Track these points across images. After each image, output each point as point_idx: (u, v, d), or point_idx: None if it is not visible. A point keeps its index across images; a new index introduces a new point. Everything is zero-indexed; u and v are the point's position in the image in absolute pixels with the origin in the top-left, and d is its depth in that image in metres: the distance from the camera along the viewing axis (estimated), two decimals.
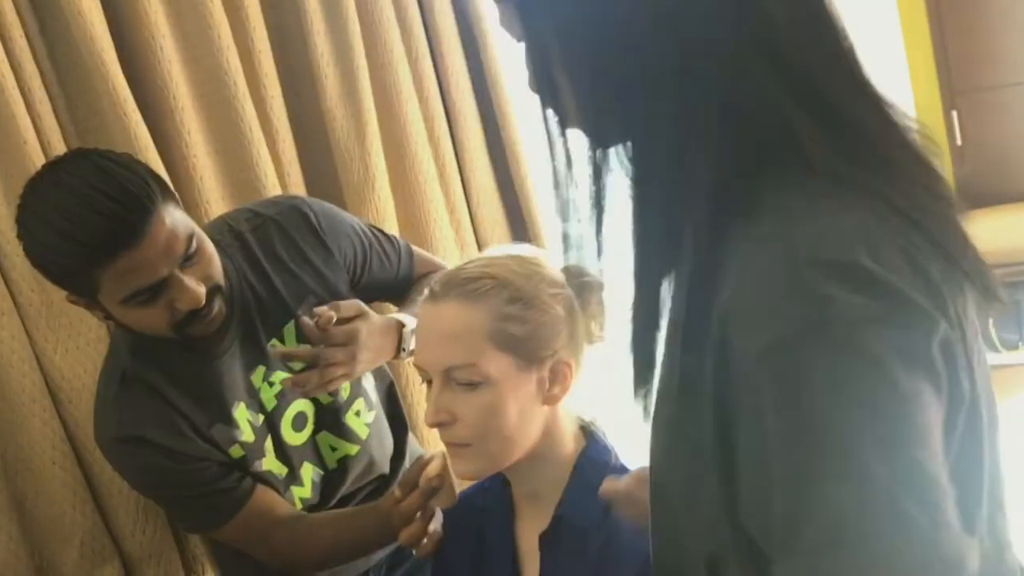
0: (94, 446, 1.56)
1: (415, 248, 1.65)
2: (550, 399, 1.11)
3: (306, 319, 1.36)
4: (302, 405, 1.47)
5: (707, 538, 0.73)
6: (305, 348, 1.37)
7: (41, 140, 1.57)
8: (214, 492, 1.37)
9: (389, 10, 1.95)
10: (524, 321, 1.08)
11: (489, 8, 2.03)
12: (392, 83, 1.95)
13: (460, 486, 1.35)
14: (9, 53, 1.54)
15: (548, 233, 2.10)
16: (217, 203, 1.74)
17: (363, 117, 1.90)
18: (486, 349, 1.07)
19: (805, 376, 0.63)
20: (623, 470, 1.16)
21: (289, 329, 1.44)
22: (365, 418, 1.54)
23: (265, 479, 1.42)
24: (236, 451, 1.40)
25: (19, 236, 1.25)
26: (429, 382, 1.12)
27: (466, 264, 1.14)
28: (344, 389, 1.49)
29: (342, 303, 1.41)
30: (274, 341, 1.42)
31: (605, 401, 1.21)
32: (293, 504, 1.47)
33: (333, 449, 1.51)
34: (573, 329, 1.12)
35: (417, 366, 1.13)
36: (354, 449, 1.52)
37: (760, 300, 0.66)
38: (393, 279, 1.58)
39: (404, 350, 1.47)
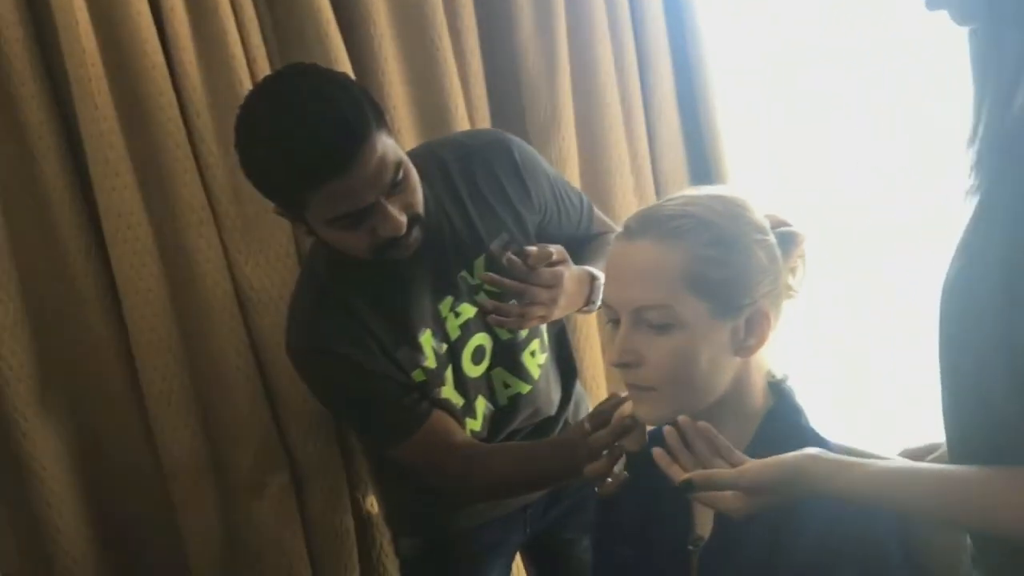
0: (276, 357, 1.63)
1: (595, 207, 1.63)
2: (743, 350, 1.06)
3: (512, 256, 1.36)
4: (482, 339, 1.47)
5: (983, 362, 0.80)
6: (514, 281, 1.36)
7: (248, 57, 1.61)
8: (395, 408, 1.39)
9: None
10: (724, 265, 1.03)
11: None
12: (587, 22, 1.90)
13: None
14: None
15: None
16: (407, 132, 1.75)
17: (555, 55, 1.87)
18: (681, 291, 1.02)
19: None
20: (813, 433, 1.10)
21: (479, 263, 1.43)
22: (539, 359, 1.53)
23: (443, 406, 1.44)
24: (418, 375, 1.41)
25: (235, 147, 1.28)
26: (615, 321, 1.09)
27: (665, 201, 1.09)
28: (523, 328, 1.48)
29: (550, 246, 1.40)
30: (464, 273, 1.42)
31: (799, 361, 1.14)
32: (464, 431, 1.47)
33: (506, 386, 1.51)
34: (775, 279, 1.06)
35: (605, 304, 1.10)
36: (526, 388, 1.52)
37: None
38: (572, 234, 1.56)
39: (593, 303, 1.45)
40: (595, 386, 1.96)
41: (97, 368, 1.61)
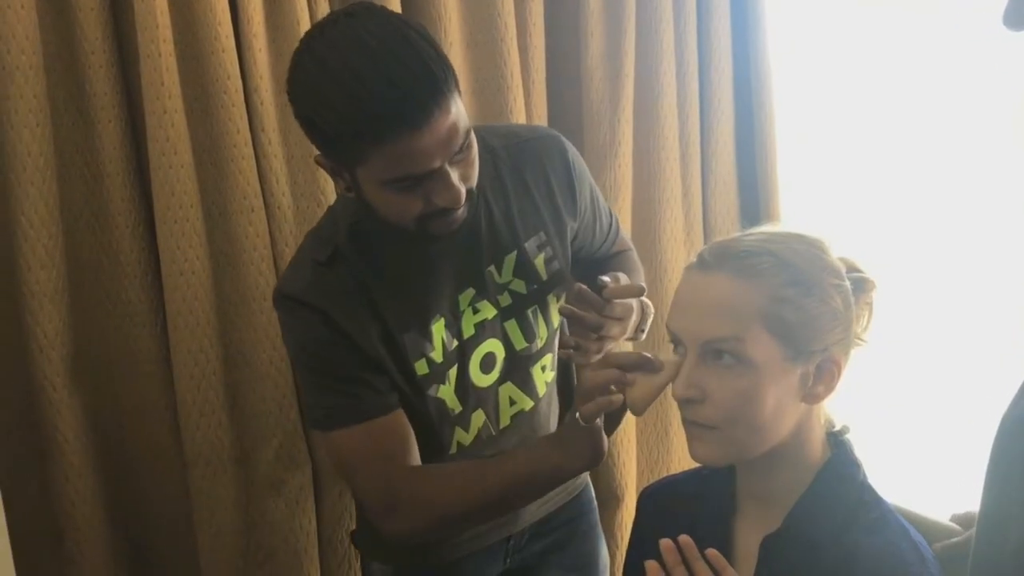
0: None
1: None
2: (810, 397, 1.03)
3: (584, 287, 1.28)
4: (494, 346, 1.36)
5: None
6: (593, 315, 1.28)
7: None
8: (364, 385, 1.25)
9: None
10: (801, 308, 1.00)
11: None
12: (655, 52, 1.89)
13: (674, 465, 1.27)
14: None
15: None
16: None
17: (620, 81, 1.86)
18: (755, 329, 0.99)
19: None
20: (869, 490, 1.07)
21: (510, 260, 1.34)
22: (547, 376, 1.43)
23: (437, 405, 1.32)
24: (421, 367, 1.29)
25: (292, 83, 1.14)
26: (676, 343, 1.06)
27: (744, 236, 1.06)
28: (540, 338, 1.39)
29: (621, 275, 1.34)
30: (491, 268, 1.33)
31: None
32: (451, 443, 1.37)
33: (512, 403, 1.40)
34: (848, 326, 1.04)
35: (673, 334, 1.07)
36: (529, 404, 1.41)
37: None
38: (597, 250, 1.48)
39: (643, 331, 1.40)
40: None
41: (131, 346, 1.59)
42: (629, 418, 1.94)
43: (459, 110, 1.12)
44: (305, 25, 1.57)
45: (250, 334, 1.61)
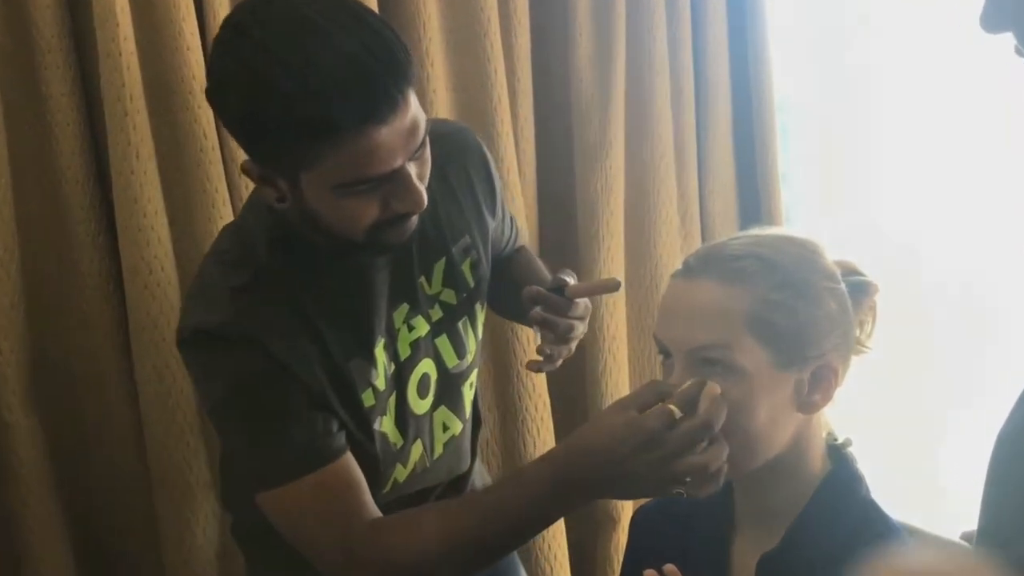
0: None
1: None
2: (807, 407, 0.95)
3: (541, 290, 1.20)
4: (428, 366, 1.22)
5: None
6: (564, 319, 1.21)
7: None
8: (310, 426, 1.08)
9: None
10: (792, 312, 0.93)
11: None
12: (647, 49, 1.81)
13: None
14: None
15: None
16: None
17: (611, 80, 1.78)
18: (743, 336, 0.92)
19: None
20: (872, 506, 0.99)
21: (439, 268, 1.21)
22: (471, 394, 1.30)
23: (381, 441, 1.17)
24: (368, 397, 1.14)
25: (221, 74, 0.99)
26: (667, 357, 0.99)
27: (730, 240, 1.00)
28: (470, 353, 1.26)
29: (571, 273, 1.26)
30: (422, 279, 1.20)
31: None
32: (388, 481, 1.21)
33: (445, 428, 1.26)
34: (846, 332, 0.96)
35: (658, 341, 0.99)
36: (459, 428, 1.28)
37: None
38: (501, 251, 1.36)
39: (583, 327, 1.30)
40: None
41: (93, 363, 1.51)
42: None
43: (417, 104, 1.00)
44: None
45: None
